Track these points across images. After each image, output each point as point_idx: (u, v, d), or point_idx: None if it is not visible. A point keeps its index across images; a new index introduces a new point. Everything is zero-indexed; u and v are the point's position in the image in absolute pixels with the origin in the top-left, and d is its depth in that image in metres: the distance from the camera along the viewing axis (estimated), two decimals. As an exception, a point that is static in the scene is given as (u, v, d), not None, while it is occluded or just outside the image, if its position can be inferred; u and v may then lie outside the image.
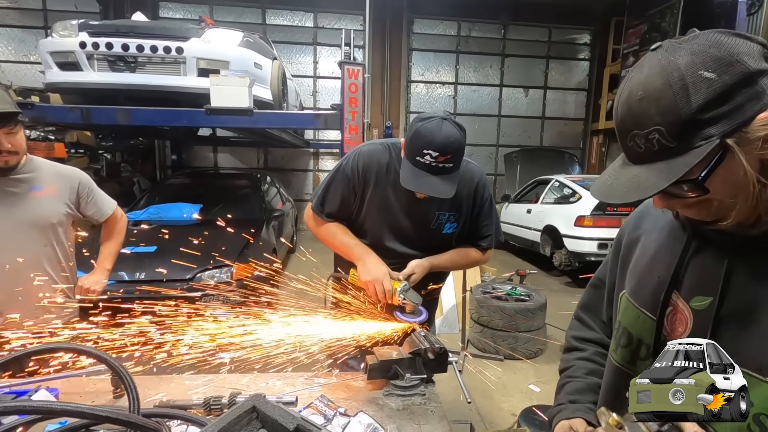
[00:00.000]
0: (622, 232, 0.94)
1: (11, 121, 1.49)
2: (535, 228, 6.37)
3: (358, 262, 1.48)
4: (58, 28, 3.59)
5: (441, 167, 1.32)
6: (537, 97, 10.35)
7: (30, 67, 8.68)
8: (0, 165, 1.51)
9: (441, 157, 1.31)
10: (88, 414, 0.73)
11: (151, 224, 4.41)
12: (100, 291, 1.82)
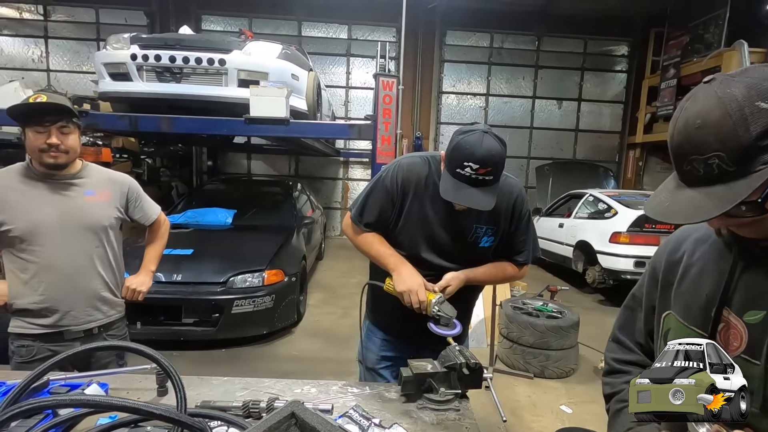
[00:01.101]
0: (659, 255, 0.95)
1: (64, 116, 1.58)
2: (567, 243, 6.20)
3: (394, 272, 1.50)
4: (112, 41, 3.82)
5: (481, 180, 1.33)
6: (571, 110, 10.16)
7: (82, 76, 9.23)
8: (49, 161, 1.59)
9: (481, 169, 1.31)
10: (144, 411, 0.77)
11: (188, 228, 4.59)
12: (145, 291, 1.90)
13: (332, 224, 9.82)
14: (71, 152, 1.62)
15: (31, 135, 1.54)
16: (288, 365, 3.54)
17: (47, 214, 1.60)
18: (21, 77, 8.28)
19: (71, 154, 1.62)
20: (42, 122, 1.54)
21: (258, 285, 3.76)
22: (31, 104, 1.52)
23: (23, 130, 1.56)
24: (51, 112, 1.55)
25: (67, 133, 1.58)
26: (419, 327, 1.49)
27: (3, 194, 1.57)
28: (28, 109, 1.52)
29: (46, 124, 1.54)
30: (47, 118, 1.54)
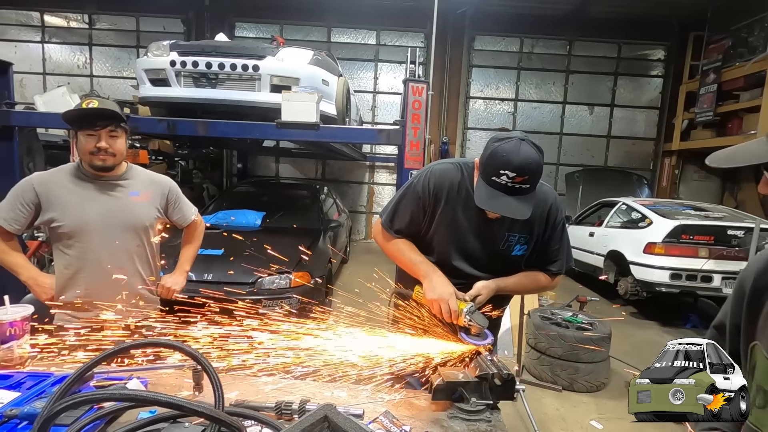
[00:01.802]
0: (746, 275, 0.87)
1: (114, 121, 1.67)
2: (598, 252, 6.02)
3: (424, 280, 1.48)
4: (153, 48, 3.98)
5: (517, 188, 1.30)
6: (603, 115, 9.89)
7: (122, 81, 9.66)
8: (98, 163, 1.67)
9: (518, 177, 1.27)
10: (187, 408, 0.79)
11: (219, 228, 4.70)
12: (179, 290, 1.97)
13: (357, 228, 9.87)
14: (118, 155, 1.69)
15: (82, 138, 1.63)
16: (313, 367, 3.56)
17: (94, 212, 1.68)
18: (67, 83, 8.73)
19: (118, 157, 1.70)
20: (93, 126, 1.62)
21: (285, 287, 3.82)
22: (84, 110, 1.60)
23: (75, 133, 1.64)
24: (102, 117, 1.63)
25: (115, 137, 1.66)
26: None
27: (54, 192, 1.66)
28: (81, 114, 1.60)
29: (97, 128, 1.62)
30: (98, 123, 1.62)
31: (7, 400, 1.16)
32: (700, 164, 9.27)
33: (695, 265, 4.81)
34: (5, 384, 1.25)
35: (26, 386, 1.25)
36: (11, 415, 1.04)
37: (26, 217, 1.65)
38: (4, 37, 9.76)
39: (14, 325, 1.37)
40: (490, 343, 1.43)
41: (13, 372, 1.32)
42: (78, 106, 1.62)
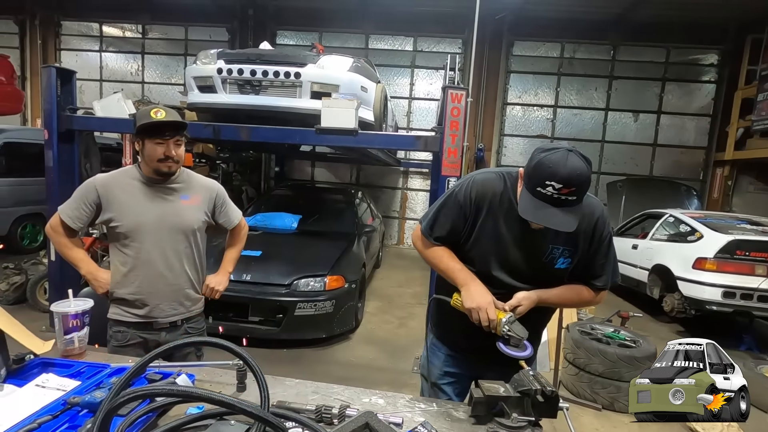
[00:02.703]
0: None
1: (180, 132, 1.77)
2: (642, 266, 5.75)
3: (463, 288, 1.46)
4: (201, 57, 4.17)
5: (563, 200, 1.26)
6: (648, 122, 9.46)
7: (170, 88, 10.17)
8: (164, 170, 1.78)
9: (564, 189, 1.24)
10: (238, 407, 0.82)
11: (258, 230, 4.84)
12: (222, 291, 2.04)
13: (390, 233, 9.89)
14: (180, 161, 1.80)
15: (150, 146, 1.73)
16: (345, 371, 3.59)
17: (149, 214, 1.77)
18: (121, 89, 9.27)
19: (180, 163, 1.80)
20: (162, 135, 1.72)
21: (320, 289, 3.87)
22: (157, 121, 1.71)
23: (141, 141, 1.75)
24: (170, 127, 1.73)
25: (180, 145, 1.76)
26: (485, 344, 1.45)
27: (114, 194, 1.76)
28: (153, 125, 1.71)
29: (166, 137, 1.73)
30: (167, 132, 1.72)
31: (69, 387, 1.24)
32: (757, 175, 8.68)
33: (752, 283, 4.50)
34: (67, 372, 1.33)
35: (86, 375, 1.33)
36: (74, 403, 1.11)
37: (88, 216, 1.76)
38: (68, 46, 10.51)
39: (76, 318, 1.46)
40: (529, 355, 1.40)
41: (73, 361, 1.41)
42: (146, 114, 1.72)
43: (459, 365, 1.69)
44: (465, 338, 1.60)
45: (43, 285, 4.48)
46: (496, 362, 1.44)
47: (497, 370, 1.40)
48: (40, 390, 1.22)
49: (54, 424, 1.05)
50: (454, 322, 1.58)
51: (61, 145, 3.89)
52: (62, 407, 1.11)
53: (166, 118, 1.72)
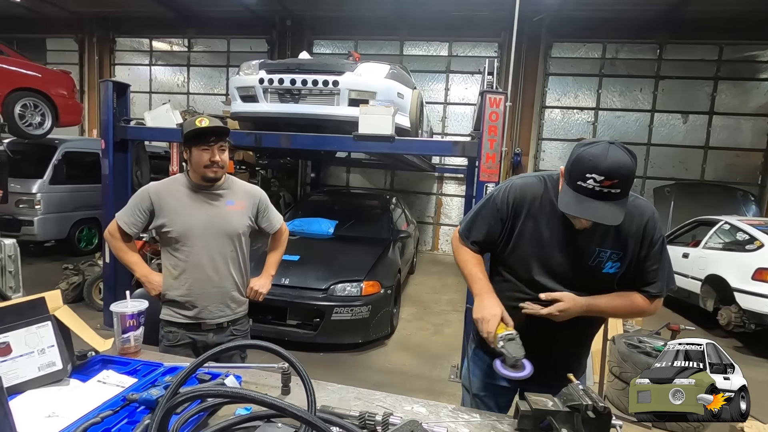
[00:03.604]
0: None
1: (223, 138, 1.84)
2: (694, 276, 5.42)
3: (476, 298, 1.45)
4: (244, 68, 4.34)
5: (606, 192, 1.20)
6: (699, 124, 8.94)
7: (213, 98, 10.63)
8: (210, 176, 1.86)
9: (606, 181, 1.18)
10: (289, 411, 0.83)
11: (295, 235, 4.95)
12: (265, 293, 2.09)
13: (424, 239, 9.84)
14: (225, 167, 1.87)
15: (196, 153, 1.82)
16: (381, 376, 3.59)
17: (198, 219, 1.85)
18: (168, 100, 9.79)
19: (225, 169, 1.88)
20: (207, 142, 1.80)
21: (356, 294, 3.90)
22: (201, 128, 1.79)
23: (188, 149, 1.84)
24: (214, 134, 1.81)
25: (224, 150, 1.84)
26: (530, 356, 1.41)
27: (166, 201, 1.86)
28: (198, 132, 1.80)
29: (211, 143, 1.81)
30: (211, 139, 1.80)
31: (127, 384, 1.31)
32: (824, 179, 8.02)
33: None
34: (125, 370, 1.41)
35: (141, 373, 1.40)
36: (132, 399, 1.17)
37: (143, 222, 1.86)
38: (121, 61, 11.23)
39: (133, 318, 1.54)
40: (525, 377, 1.32)
41: (130, 359, 1.49)
42: (192, 123, 1.81)
43: (501, 377, 1.65)
44: None
45: (98, 285, 4.77)
46: (541, 376, 1.39)
47: (541, 383, 1.36)
48: (101, 386, 1.29)
49: (115, 419, 1.11)
50: None
51: (116, 154, 4.15)
52: (122, 403, 1.17)
53: (210, 125, 1.80)
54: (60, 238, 6.88)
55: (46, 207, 6.49)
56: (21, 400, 1.17)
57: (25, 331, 1.24)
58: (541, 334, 1.43)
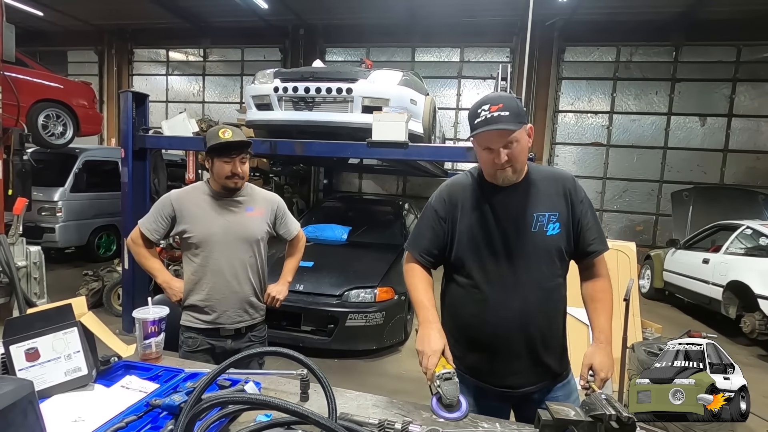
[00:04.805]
0: None
1: (245, 150, 1.88)
2: (715, 283, 5.28)
3: (421, 327, 1.44)
4: (259, 77, 4.40)
5: (497, 116, 1.33)
6: (718, 126, 8.78)
7: (228, 106, 10.81)
8: (231, 186, 1.90)
9: (493, 107, 1.34)
10: (311, 419, 0.84)
11: (309, 242, 4.98)
12: (282, 299, 2.11)
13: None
14: (245, 177, 1.91)
15: (218, 164, 1.85)
16: (395, 383, 3.58)
17: (218, 226, 1.89)
18: (184, 108, 9.99)
19: (245, 179, 1.91)
20: (230, 154, 1.84)
21: (370, 301, 3.90)
22: (226, 141, 1.83)
23: (211, 159, 1.87)
24: (237, 147, 1.85)
25: (244, 162, 1.88)
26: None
27: (187, 208, 1.90)
28: (222, 145, 1.83)
29: (233, 155, 1.84)
30: (233, 151, 1.84)
31: (149, 389, 1.33)
32: None
33: None
34: (147, 375, 1.43)
35: (163, 379, 1.42)
36: (155, 405, 1.19)
37: (164, 229, 1.90)
38: (139, 72, 11.51)
39: (154, 324, 1.57)
40: (458, 418, 1.28)
41: (152, 365, 1.51)
42: (215, 135, 1.85)
43: None
44: None
45: (117, 291, 4.86)
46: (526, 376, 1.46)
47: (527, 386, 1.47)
48: (124, 391, 1.32)
49: (139, 424, 1.13)
50: None
51: (135, 162, 4.24)
52: (145, 408, 1.19)
53: (233, 137, 1.84)
54: (80, 244, 7.04)
55: (67, 214, 6.66)
56: (49, 404, 1.19)
57: (53, 336, 1.28)
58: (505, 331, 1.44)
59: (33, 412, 0.85)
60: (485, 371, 1.52)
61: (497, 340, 1.45)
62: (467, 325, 1.51)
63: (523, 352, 1.45)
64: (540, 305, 1.44)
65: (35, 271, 2.92)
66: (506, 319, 1.43)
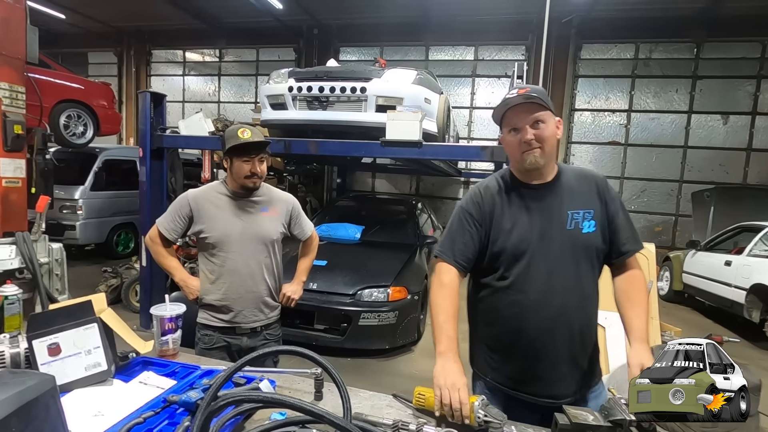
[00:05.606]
0: None
1: (263, 150, 1.89)
2: (738, 285, 5.14)
3: (438, 359, 1.33)
4: (274, 76, 4.44)
5: (524, 94, 1.34)
6: (741, 125, 8.53)
7: (243, 106, 10.92)
8: (249, 186, 1.91)
9: (522, 90, 1.36)
10: (326, 419, 0.84)
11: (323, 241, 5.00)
12: (297, 299, 2.12)
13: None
14: (263, 177, 1.92)
15: (237, 164, 1.87)
16: (408, 383, 3.55)
17: (234, 225, 1.90)
18: (200, 108, 10.13)
19: (263, 179, 1.93)
20: (249, 154, 1.86)
21: (383, 300, 3.90)
22: (246, 141, 1.85)
23: (230, 159, 1.89)
24: (256, 147, 1.86)
25: (262, 161, 1.89)
26: None
27: (205, 207, 1.92)
28: (242, 145, 1.85)
29: (252, 155, 1.86)
30: (252, 151, 1.86)
31: (166, 386, 1.34)
32: None
33: None
34: (164, 371, 1.45)
35: (180, 375, 1.44)
36: (172, 401, 1.21)
37: (182, 228, 1.93)
38: (157, 72, 11.71)
39: (171, 321, 1.59)
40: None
41: (168, 361, 1.53)
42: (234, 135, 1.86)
43: None
44: None
45: (135, 288, 4.95)
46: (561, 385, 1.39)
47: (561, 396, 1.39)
48: (142, 387, 1.34)
49: (156, 420, 1.14)
50: None
51: (153, 162, 4.31)
52: (162, 404, 1.20)
53: (252, 138, 1.85)
54: (99, 242, 7.20)
55: (87, 212, 6.81)
56: (69, 398, 1.22)
57: (74, 332, 1.30)
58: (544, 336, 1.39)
59: (55, 406, 0.86)
60: (526, 380, 1.44)
61: (539, 344, 1.39)
62: (504, 331, 1.45)
63: (566, 355, 1.39)
64: (579, 304, 1.40)
65: (57, 268, 2.99)
66: (547, 320, 1.38)
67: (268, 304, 2.00)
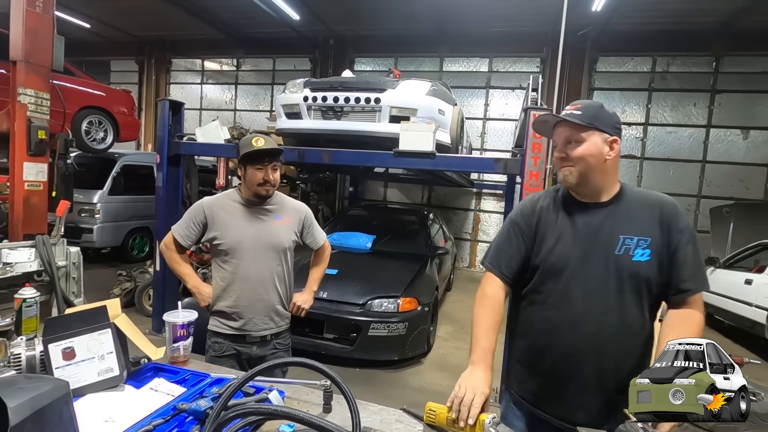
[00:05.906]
0: None
1: (276, 158, 1.91)
2: (759, 305, 4.98)
3: (470, 366, 1.30)
4: (289, 86, 4.50)
5: (568, 113, 1.38)
6: (762, 140, 8.35)
7: (258, 114, 11.08)
8: (263, 193, 1.93)
9: (571, 107, 1.39)
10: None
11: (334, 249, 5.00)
12: (307, 309, 2.12)
13: (462, 255, 9.69)
14: (276, 185, 1.94)
15: (251, 171, 1.90)
16: (417, 396, 3.52)
17: (247, 233, 1.92)
18: (216, 116, 10.31)
19: (276, 187, 1.94)
20: (262, 162, 1.88)
21: (393, 311, 3.88)
22: (259, 149, 1.87)
23: (244, 166, 1.92)
24: (269, 155, 1.89)
25: (276, 169, 1.91)
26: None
27: (219, 214, 1.94)
28: (256, 153, 1.88)
29: (265, 163, 1.88)
30: (266, 159, 1.88)
31: (176, 393, 1.35)
32: None
33: None
34: (174, 378, 1.46)
35: (190, 383, 1.44)
36: (182, 409, 1.21)
37: (196, 234, 1.95)
38: (176, 80, 11.98)
39: (183, 328, 1.60)
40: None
41: (179, 368, 1.54)
42: (248, 143, 1.89)
43: None
44: None
45: (148, 292, 5.01)
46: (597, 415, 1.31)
47: None
48: (153, 393, 1.34)
49: (166, 427, 1.14)
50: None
51: (170, 168, 4.39)
52: (172, 412, 1.20)
53: (266, 146, 1.87)
54: (115, 245, 7.33)
55: (105, 216, 6.95)
56: (82, 403, 1.23)
57: (88, 337, 1.32)
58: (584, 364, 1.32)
59: (68, 412, 0.87)
60: (549, 399, 1.41)
61: (564, 366, 1.34)
62: (533, 345, 1.43)
63: (594, 383, 1.32)
64: (616, 332, 1.30)
65: (74, 271, 3.05)
66: (573, 347, 1.33)
67: (279, 313, 2.00)
